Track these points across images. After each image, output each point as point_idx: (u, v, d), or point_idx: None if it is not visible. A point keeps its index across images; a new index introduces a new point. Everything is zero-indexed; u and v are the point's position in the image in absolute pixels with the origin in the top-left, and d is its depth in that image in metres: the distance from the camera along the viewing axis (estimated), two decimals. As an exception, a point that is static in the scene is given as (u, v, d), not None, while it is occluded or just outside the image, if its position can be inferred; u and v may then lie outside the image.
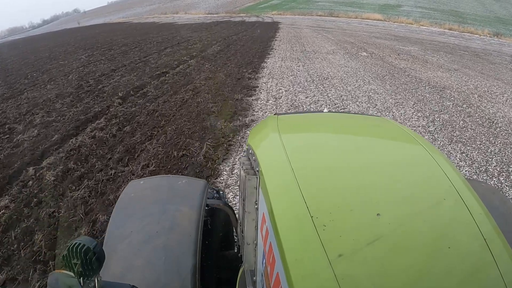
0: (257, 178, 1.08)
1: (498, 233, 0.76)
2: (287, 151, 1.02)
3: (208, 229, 1.49)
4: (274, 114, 1.56)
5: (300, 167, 0.94)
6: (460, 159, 4.28)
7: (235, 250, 1.78)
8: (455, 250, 0.71)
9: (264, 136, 1.28)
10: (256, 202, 1.10)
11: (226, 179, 3.76)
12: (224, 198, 1.73)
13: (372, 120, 1.84)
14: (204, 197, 1.42)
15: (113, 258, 1.18)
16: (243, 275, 1.19)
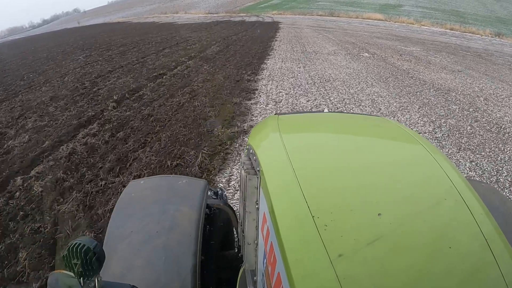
0: (257, 178, 1.08)
1: (498, 233, 0.75)
2: (287, 151, 1.02)
3: (208, 229, 1.50)
4: (275, 114, 1.56)
5: (301, 167, 0.94)
6: (470, 169, 4.06)
7: (236, 250, 1.76)
8: (455, 250, 0.70)
9: (264, 136, 1.29)
10: (257, 202, 1.10)
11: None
12: (225, 198, 1.72)
13: (372, 120, 1.84)
14: (204, 197, 1.43)
15: (113, 258, 1.17)
16: (243, 275, 1.19)
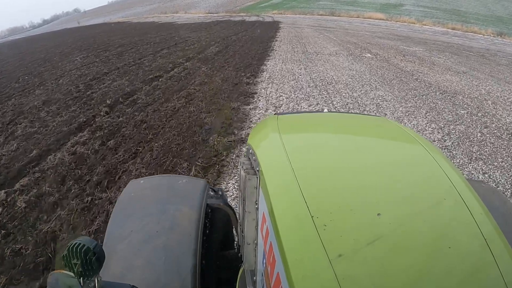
0: (257, 178, 1.07)
1: (498, 233, 0.75)
2: (287, 151, 1.01)
3: (208, 229, 1.48)
4: (275, 114, 1.55)
5: (300, 167, 0.93)
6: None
7: (235, 250, 1.74)
8: (455, 250, 0.70)
9: (264, 136, 1.28)
10: (257, 202, 1.09)
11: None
12: (224, 198, 1.69)
13: (372, 120, 1.83)
14: (204, 197, 1.42)
15: (113, 258, 1.16)
16: (243, 275, 1.18)
